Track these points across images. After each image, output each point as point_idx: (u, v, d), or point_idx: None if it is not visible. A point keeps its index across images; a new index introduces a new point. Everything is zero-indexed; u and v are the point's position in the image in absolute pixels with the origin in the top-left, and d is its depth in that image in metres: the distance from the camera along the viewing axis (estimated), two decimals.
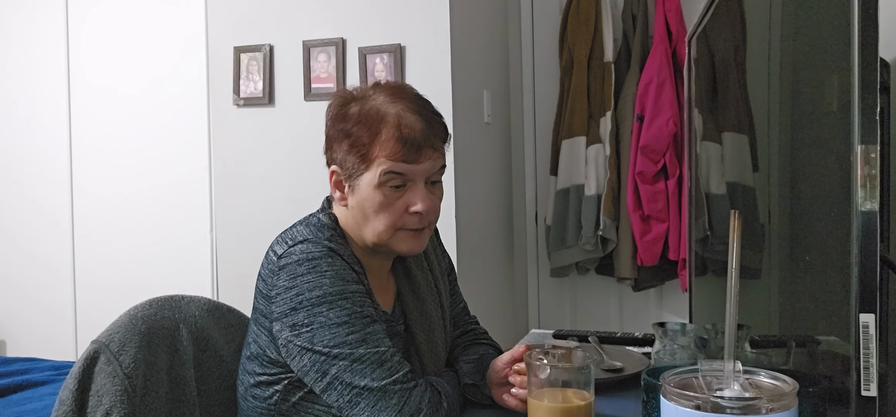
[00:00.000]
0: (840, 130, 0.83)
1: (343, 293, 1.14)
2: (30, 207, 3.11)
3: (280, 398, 1.20)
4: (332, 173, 1.24)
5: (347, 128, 1.20)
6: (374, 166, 1.18)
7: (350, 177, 1.21)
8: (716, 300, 1.50)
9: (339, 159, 1.22)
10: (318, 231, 1.21)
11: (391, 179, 1.18)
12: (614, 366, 1.42)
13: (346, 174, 1.21)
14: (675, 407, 0.76)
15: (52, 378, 2.28)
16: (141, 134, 2.96)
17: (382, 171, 1.17)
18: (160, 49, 2.93)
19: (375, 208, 1.19)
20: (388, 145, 1.17)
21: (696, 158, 1.87)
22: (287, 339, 1.16)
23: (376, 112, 1.19)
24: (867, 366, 0.76)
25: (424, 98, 1.25)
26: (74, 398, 1.13)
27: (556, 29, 3.12)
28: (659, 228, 2.85)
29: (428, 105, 1.24)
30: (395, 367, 1.14)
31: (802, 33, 1.15)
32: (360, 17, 2.48)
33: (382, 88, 1.23)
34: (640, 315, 3.20)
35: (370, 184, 1.18)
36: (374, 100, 1.20)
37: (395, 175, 1.18)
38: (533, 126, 3.28)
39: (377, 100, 1.20)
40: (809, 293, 1.04)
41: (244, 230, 2.61)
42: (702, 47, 1.79)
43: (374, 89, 1.23)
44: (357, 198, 1.21)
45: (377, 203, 1.19)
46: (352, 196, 1.22)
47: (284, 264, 1.17)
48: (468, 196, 2.52)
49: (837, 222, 0.85)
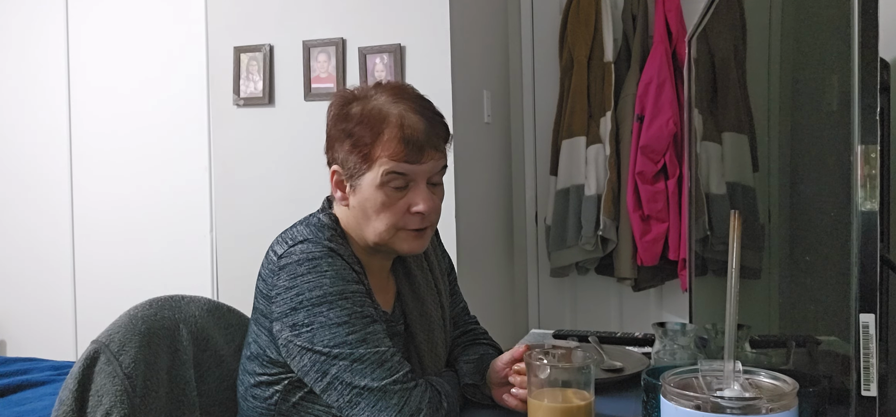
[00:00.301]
0: (840, 130, 0.83)
1: (343, 293, 1.14)
2: (30, 207, 3.11)
3: (280, 398, 1.20)
4: (334, 173, 1.24)
5: (349, 128, 1.20)
6: (376, 166, 1.18)
7: (351, 176, 1.20)
8: (716, 300, 1.50)
9: (340, 159, 1.22)
10: (319, 231, 1.21)
11: (393, 179, 1.18)
12: (614, 366, 1.42)
13: (347, 174, 1.21)
14: (675, 407, 0.76)
15: (52, 378, 2.28)
16: (141, 134, 2.96)
17: (384, 171, 1.17)
18: (160, 49, 2.93)
19: (377, 208, 1.19)
20: (390, 145, 1.17)
21: (696, 158, 1.87)
22: (287, 339, 1.15)
23: (379, 112, 1.19)
24: (867, 366, 0.76)
25: (426, 98, 1.25)
26: (74, 398, 1.13)
27: (556, 29, 3.12)
28: (659, 228, 2.85)
29: (430, 105, 1.24)
30: (395, 367, 1.14)
31: (802, 33, 1.15)
32: (360, 17, 2.48)
33: (384, 88, 1.23)
34: (640, 315, 3.20)
35: (372, 183, 1.18)
36: (376, 100, 1.20)
37: (397, 175, 1.18)
38: (533, 126, 3.28)
39: (379, 100, 1.20)
40: (809, 293, 1.04)
41: (244, 230, 2.61)
42: (702, 47, 1.79)
43: (376, 89, 1.23)
44: (358, 197, 1.21)
45: (379, 203, 1.19)
46: (353, 195, 1.22)
47: (284, 264, 1.17)
48: (468, 196, 2.52)
49: (837, 222, 0.85)
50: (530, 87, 3.29)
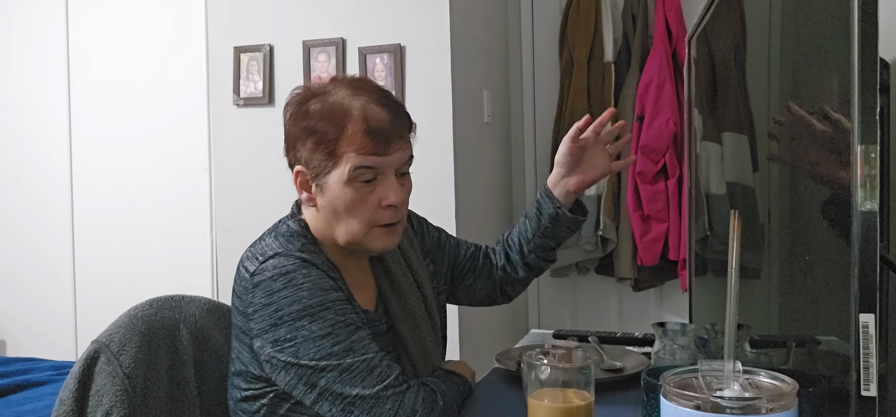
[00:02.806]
0: (840, 130, 0.83)
1: (323, 303, 1.12)
2: (30, 207, 3.11)
3: (268, 411, 1.18)
4: (298, 174, 1.20)
5: (311, 125, 1.16)
6: (343, 162, 1.15)
7: (317, 175, 1.17)
8: (716, 300, 1.50)
9: (303, 158, 1.18)
10: (289, 241, 1.18)
11: (361, 174, 1.15)
12: (614, 366, 1.41)
13: (312, 173, 1.18)
14: (675, 407, 0.76)
15: (52, 378, 2.28)
16: (141, 134, 2.96)
17: (352, 167, 1.14)
18: (160, 49, 2.93)
19: (347, 205, 1.16)
20: (356, 139, 1.14)
21: (696, 158, 1.87)
22: (270, 355, 1.13)
23: (340, 106, 1.16)
24: (867, 366, 0.76)
25: (386, 89, 1.23)
26: (74, 398, 1.13)
27: (556, 29, 3.12)
28: (659, 228, 2.85)
29: (391, 96, 1.22)
30: (385, 372, 1.12)
31: (802, 33, 1.15)
32: (360, 17, 2.48)
33: (342, 82, 1.20)
34: (640, 315, 3.20)
35: (339, 180, 1.15)
36: (336, 95, 1.17)
37: (365, 169, 1.15)
38: (533, 126, 3.28)
39: (338, 94, 1.17)
40: (809, 293, 1.04)
41: (244, 230, 2.60)
42: (702, 47, 1.79)
43: (334, 84, 1.20)
44: (327, 197, 1.18)
45: (348, 199, 1.16)
46: (320, 196, 1.18)
47: (258, 281, 1.14)
48: (468, 196, 2.52)
49: (837, 222, 0.85)
50: (530, 87, 3.29)
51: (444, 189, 2.32)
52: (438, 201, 2.33)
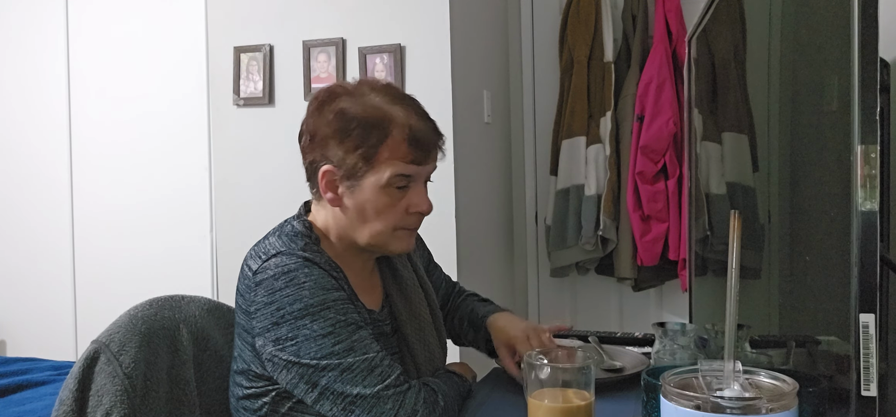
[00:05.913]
0: (840, 130, 0.83)
1: (325, 302, 1.12)
2: (30, 207, 3.11)
3: (270, 409, 1.18)
4: (325, 173, 1.19)
5: (348, 127, 1.16)
6: (384, 168, 1.16)
7: (350, 177, 1.18)
8: (716, 300, 1.50)
9: (336, 158, 1.18)
10: (292, 240, 1.19)
11: (398, 180, 1.17)
12: (614, 366, 1.41)
13: (343, 174, 1.18)
14: (675, 407, 0.76)
15: (52, 378, 2.28)
16: (141, 134, 2.96)
17: (392, 173, 1.16)
18: (160, 49, 2.93)
19: (377, 209, 1.18)
20: (400, 148, 1.16)
21: (696, 158, 1.87)
22: (271, 353, 1.13)
23: (381, 111, 1.17)
24: (867, 366, 0.76)
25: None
26: (74, 398, 1.13)
27: (556, 29, 3.12)
28: (659, 228, 2.85)
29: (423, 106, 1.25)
30: (385, 372, 1.13)
31: (802, 33, 1.15)
32: (360, 17, 2.48)
33: (371, 86, 1.21)
34: (640, 315, 3.20)
35: (375, 185, 1.17)
36: (371, 99, 1.18)
37: (403, 176, 1.17)
38: (533, 126, 3.28)
39: (374, 99, 1.18)
40: (809, 293, 1.04)
41: (244, 230, 2.61)
42: (702, 47, 1.79)
43: (362, 85, 1.21)
44: (357, 199, 1.18)
45: (381, 204, 1.18)
46: (349, 196, 1.19)
47: (261, 279, 1.15)
48: (468, 196, 2.52)
49: (837, 222, 0.85)
50: (530, 87, 3.29)
51: (445, 189, 2.32)
52: (438, 201, 2.32)
